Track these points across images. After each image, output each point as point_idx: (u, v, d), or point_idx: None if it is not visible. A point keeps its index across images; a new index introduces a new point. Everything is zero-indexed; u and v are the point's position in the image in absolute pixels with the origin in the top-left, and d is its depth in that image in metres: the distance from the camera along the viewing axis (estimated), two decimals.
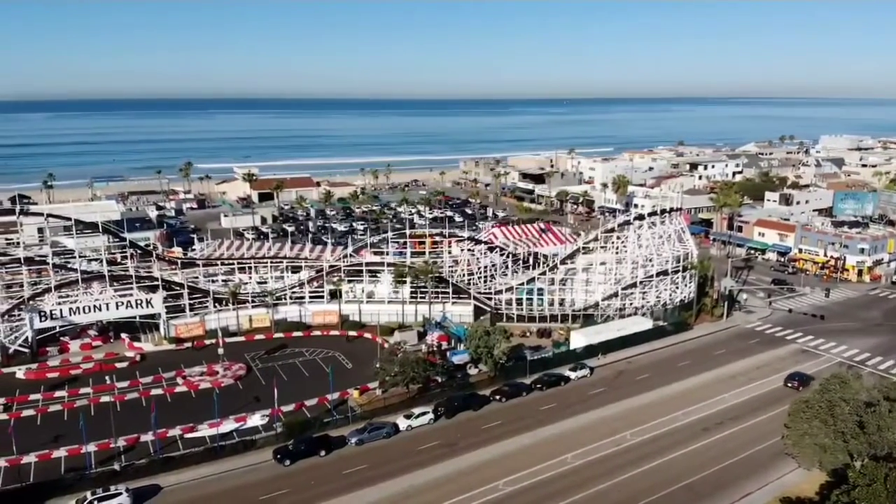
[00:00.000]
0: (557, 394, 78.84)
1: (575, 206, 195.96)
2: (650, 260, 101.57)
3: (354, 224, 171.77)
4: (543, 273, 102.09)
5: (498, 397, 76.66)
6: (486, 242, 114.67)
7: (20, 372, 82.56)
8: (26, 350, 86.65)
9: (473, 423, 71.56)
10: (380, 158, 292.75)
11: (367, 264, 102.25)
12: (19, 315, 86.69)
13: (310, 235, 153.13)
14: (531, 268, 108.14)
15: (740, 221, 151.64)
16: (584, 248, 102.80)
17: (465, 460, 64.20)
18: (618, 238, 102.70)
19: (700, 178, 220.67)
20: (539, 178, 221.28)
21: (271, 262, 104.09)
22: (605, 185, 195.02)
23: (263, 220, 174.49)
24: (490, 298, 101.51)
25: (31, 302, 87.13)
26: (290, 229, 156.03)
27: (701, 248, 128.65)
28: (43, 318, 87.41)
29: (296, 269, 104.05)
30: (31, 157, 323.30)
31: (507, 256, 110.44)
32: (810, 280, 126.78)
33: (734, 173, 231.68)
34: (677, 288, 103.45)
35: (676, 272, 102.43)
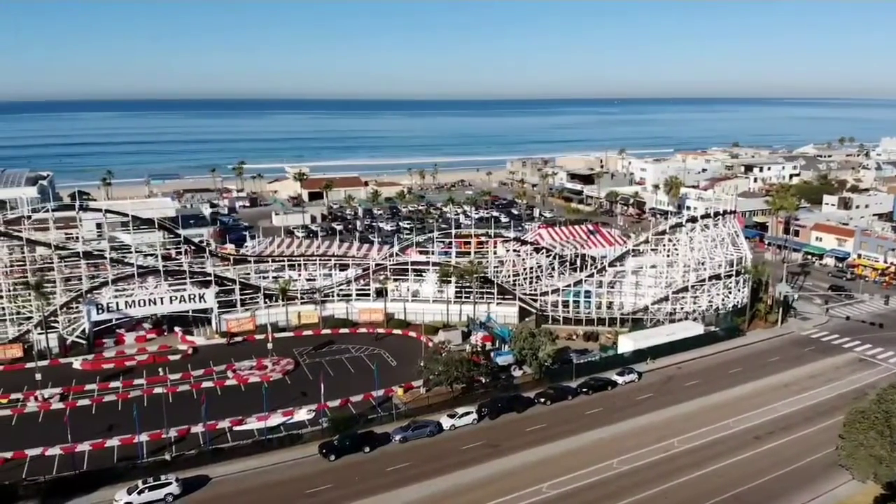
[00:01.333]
0: (604, 398, 77.80)
1: (625, 208, 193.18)
2: (702, 263, 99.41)
3: (401, 223, 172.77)
4: (591, 275, 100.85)
5: (542, 400, 76.05)
6: (532, 243, 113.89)
7: (77, 362, 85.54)
8: (83, 341, 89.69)
9: (517, 425, 71.14)
10: (427, 159, 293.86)
11: (413, 263, 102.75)
12: (77, 307, 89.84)
13: (357, 234, 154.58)
14: (578, 270, 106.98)
15: (797, 225, 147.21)
16: (634, 250, 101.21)
17: (509, 462, 63.86)
18: (669, 241, 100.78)
19: (755, 180, 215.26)
20: (588, 179, 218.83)
21: (320, 260, 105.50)
22: (656, 187, 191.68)
23: (313, 219, 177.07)
24: (535, 300, 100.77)
25: (88, 295, 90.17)
26: (338, 228, 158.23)
27: (755, 252, 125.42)
28: (100, 311, 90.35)
29: (343, 267, 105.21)
30: (92, 156, 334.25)
31: (554, 258, 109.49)
32: (869, 287, 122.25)
33: (791, 176, 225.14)
34: (730, 293, 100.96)
35: (729, 276, 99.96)
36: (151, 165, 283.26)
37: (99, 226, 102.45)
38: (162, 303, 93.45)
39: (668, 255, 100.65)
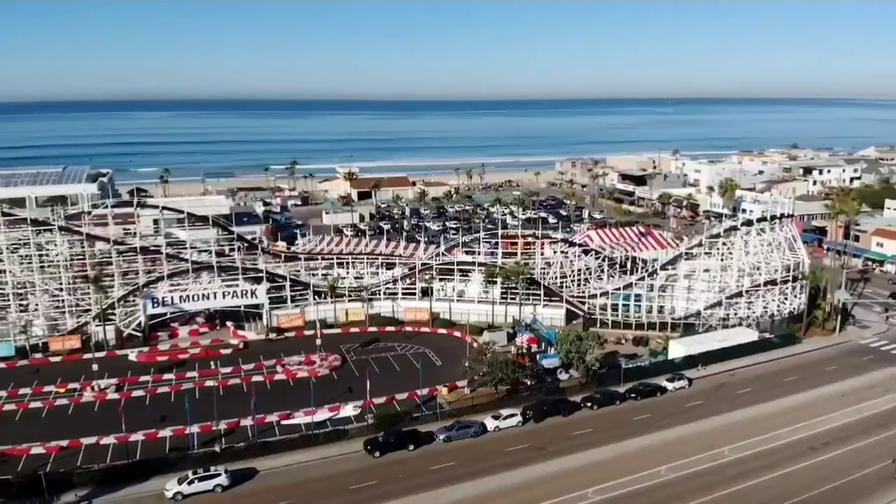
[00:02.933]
0: (652, 404, 76.41)
1: (678, 210, 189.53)
2: (758, 268, 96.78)
3: (447, 223, 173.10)
4: (642, 278, 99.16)
5: (589, 404, 75.11)
6: (580, 245, 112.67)
7: (132, 354, 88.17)
8: (139, 334, 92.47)
9: (563, 429, 70.43)
10: (474, 159, 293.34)
11: (459, 263, 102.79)
12: (134, 301, 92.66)
13: (404, 233, 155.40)
14: (629, 273, 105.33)
15: (857, 230, 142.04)
16: (686, 253, 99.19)
17: (554, 465, 63.25)
18: (724, 244, 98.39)
19: (814, 183, 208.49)
20: (640, 180, 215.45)
21: (367, 259, 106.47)
22: (711, 189, 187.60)
23: (361, 218, 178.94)
24: (583, 302, 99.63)
25: (145, 289, 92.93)
26: (385, 227, 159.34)
27: (813, 257, 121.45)
28: (155, 305, 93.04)
29: (390, 266, 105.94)
30: (151, 155, 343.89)
31: (603, 260, 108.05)
32: None
33: (852, 179, 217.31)
34: (786, 299, 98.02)
35: (786, 282, 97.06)
36: (207, 164, 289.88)
37: (156, 222, 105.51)
38: (215, 298, 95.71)
39: (722, 259, 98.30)
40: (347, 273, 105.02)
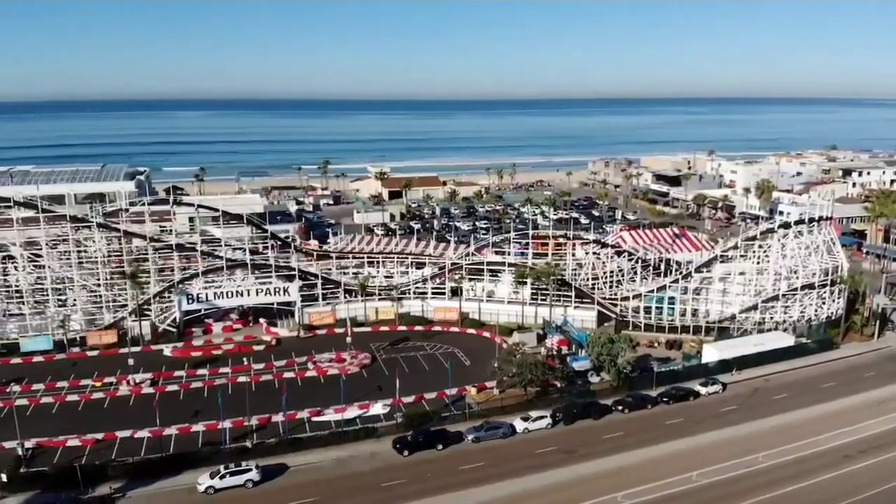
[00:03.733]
0: (685, 408, 75.37)
1: (713, 212, 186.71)
2: (795, 272, 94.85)
3: (478, 223, 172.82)
4: (676, 281, 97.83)
5: (620, 408, 74.36)
6: (613, 246, 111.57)
7: (167, 349, 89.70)
8: (174, 329, 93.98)
9: (593, 432, 69.86)
10: (505, 159, 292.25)
11: (489, 263, 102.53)
12: (169, 297, 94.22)
13: (434, 233, 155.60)
14: (662, 275, 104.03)
15: None
16: (722, 256, 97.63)
17: (584, 468, 62.78)
18: (760, 247, 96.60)
19: (854, 185, 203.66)
20: (675, 181, 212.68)
21: (397, 258, 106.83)
22: (747, 190, 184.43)
23: (392, 217, 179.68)
24: (615, 305, 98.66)
25: (180, 285, 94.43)
26: (416, 227, 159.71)
27: (852, 261, 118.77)
28: (190, 301, 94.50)
29: (420, 266, 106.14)
30: (186, 154, 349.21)
31: (636, 262, 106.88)
32: None
33: (892, 181, 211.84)
34: (824, 303, 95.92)
35: (824, 286, 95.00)
36: (241, 163, 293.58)
37: (191, 220, 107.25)
38: (248, 295, 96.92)
39: (758, 262, 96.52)
40: (378, 272, 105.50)
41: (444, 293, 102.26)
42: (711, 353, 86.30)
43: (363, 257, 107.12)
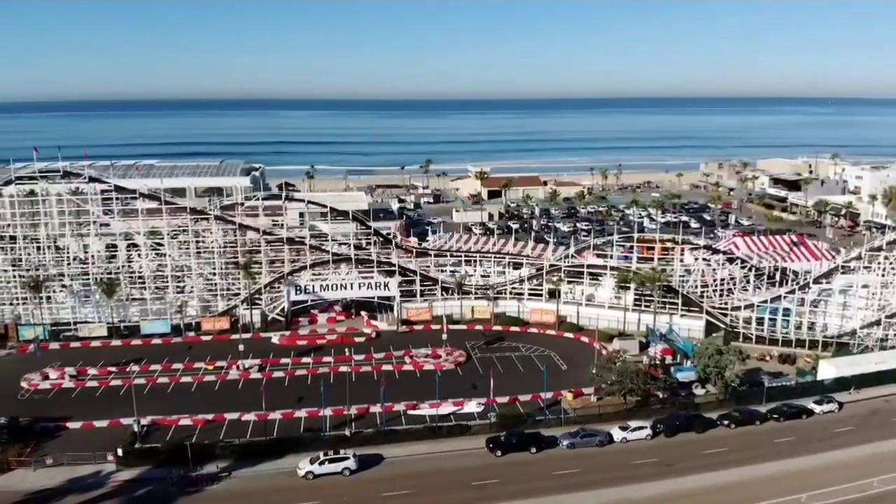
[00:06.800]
0: (797, 427, 71.11)
1: (836, 219, 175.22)
2: None
3: (578, 224, 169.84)
4: (792, 291, 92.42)
5: (726, 422, 71.04)
6: (724, 252, 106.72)
7: (275, 337, 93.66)
8: (282, 319, 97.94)
9: (695, 446, 67.09)
10: (611, 159, 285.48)
11: (589, 266, 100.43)
12: (279, 287, 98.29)
13: (533, 234, 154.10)
14: (777, 284, 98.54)
15: None
16: (843, 266, 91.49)
17: (683, 483, 60.40)
18: (886, 258, 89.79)
19: None
20: (794, 185, 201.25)
21: (495, 257, 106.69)
22: (873, 197, 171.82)
23: (490, 217, 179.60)
24: (725, 314, 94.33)
25: (289, 277, 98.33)
26: (514, 226, 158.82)
27: None
28: (298, 292, 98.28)
29: (517, 266, 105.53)
30: (298, 154, 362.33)
31: (749, 270, 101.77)
32: None
33: None
34: None
35: None
36: (349, 162, 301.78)
37: (301, 215, 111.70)
38: (351, 288, 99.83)
39: (883, 275, 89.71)
40: (475, 271, 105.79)
41: (541, 295, 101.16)
42: (828, 369, 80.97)
43: (461, 256, 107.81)
